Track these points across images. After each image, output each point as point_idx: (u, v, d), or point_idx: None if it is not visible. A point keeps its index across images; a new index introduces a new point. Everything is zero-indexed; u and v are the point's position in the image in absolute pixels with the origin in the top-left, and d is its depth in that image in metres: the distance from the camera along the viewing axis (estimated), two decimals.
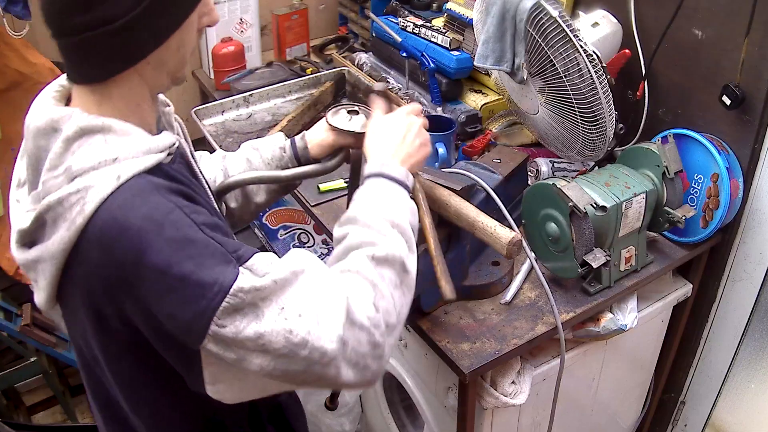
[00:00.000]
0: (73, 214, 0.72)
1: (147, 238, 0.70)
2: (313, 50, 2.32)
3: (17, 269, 1.99)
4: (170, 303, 0.71)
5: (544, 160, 1.59)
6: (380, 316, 0.78)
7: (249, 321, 0.72)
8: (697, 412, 1.79)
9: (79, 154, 0.75)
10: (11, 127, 1.89)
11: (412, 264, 0.86)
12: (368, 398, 1.88)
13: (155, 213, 0.71)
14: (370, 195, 0.89)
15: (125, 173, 0.73)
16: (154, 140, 0.80)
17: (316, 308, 0.75)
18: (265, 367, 0.73)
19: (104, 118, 0.77)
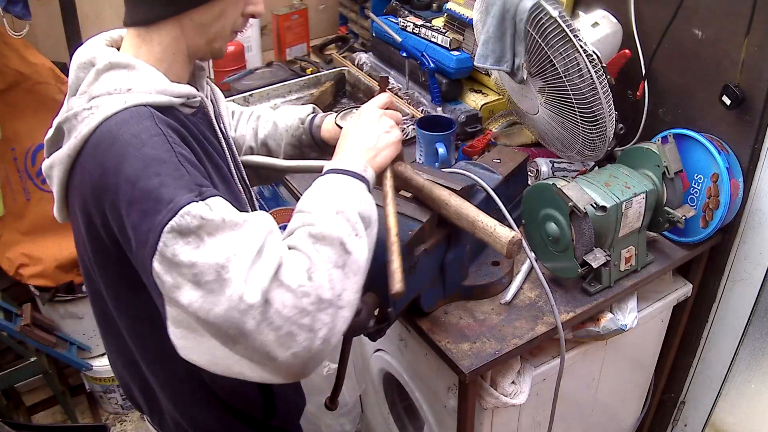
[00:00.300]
0: (81, 126, 0.83)
1: (128, 150, 0.79)
2: (313, 50, 2.32)
3: (17, 269, 1.99)
4: (135, 213, 0.78)
5: (544, 160, 1.59)
6: (312, 286, 0.77)
7: (189, 248, 0.75)
8: (697, 412, 1.79)
9: (102, 82, 0.87)
10: (11, 127, 1.89)
11: (357, 248, 0.83)
12: (368, 398, 1.88)
13: (143, 133, 0.81)
14: (318, 188, 0.90)
15: (132, 101, 0.84)
16: (172, 85, 0.90)
17: (251, 256, 0.76)
18: (193, 303, 0.75)
19: (132, 58, 0.89)
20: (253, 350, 0.76)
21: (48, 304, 2.08)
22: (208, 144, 0.96)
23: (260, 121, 1.26)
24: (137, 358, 1.02)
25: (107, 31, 0.98)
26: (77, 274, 2.04)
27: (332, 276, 0.79)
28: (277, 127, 1.24)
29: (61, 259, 2.00)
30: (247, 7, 0.95)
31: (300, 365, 0.77)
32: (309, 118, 1.23)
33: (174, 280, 0.76)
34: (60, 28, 1.87)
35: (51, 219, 2.08)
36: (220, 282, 0.75)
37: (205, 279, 0.75)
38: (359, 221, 0.86)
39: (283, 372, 0.78)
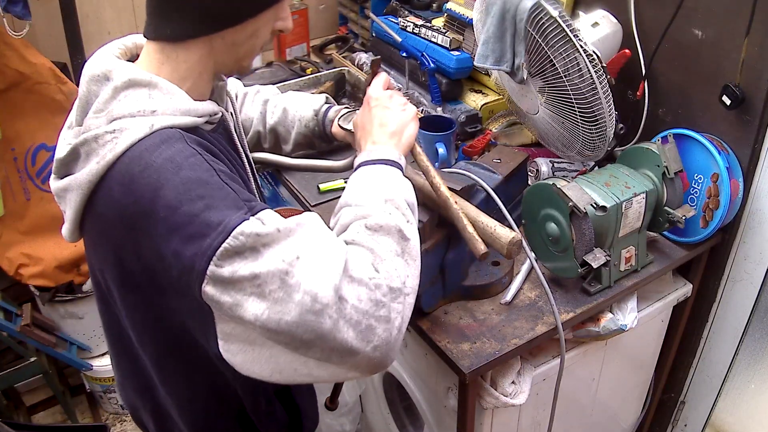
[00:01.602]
0: (105, 150, 0.78)
1: (165, 176, 0.75)
2: (313, 50, 2.32)
3: (17, 269, 1.99)
4: (177, 240, 0.74)
5: (544, 160, 1.59)
6: (381, 277, 0.77)
7: (247, 262, 0.73)
8: (697, 412, 1.79)
9: (122, 102, 0.81)
10: (11, 127, 1.89)
11: (412, 233, 0.85)
12: (368, 398, 1.88)
13: (177, 155, 0.76)
14: (358, 181, 0.90)
15: (158, 123, 0.79)
16: (195, 104, 0.85)
17: (315, 257, 0.75)
18: (260, 316, 0.73)
19: (153, 75, 0.83)
20: (332, 350, 0.75)
21: (48, 304, 2.08)
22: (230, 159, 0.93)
23: (269, 105, 1.24)
24: (155, 383, 0.99)
25: (119, 39, 0.93)
26: (77, 274, 2.04)
27: (397, 265, 0.80)
28: (287, 114, 1.22)
29: (61, 259, 2.00)
30: (277, 23, 0.90)
31: (381, 357, 0.77)
32: (323, 111, 1.22)
33: (233, 298, 0.73)
34: (60, 28, 1.87)
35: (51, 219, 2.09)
36: (286, 288, 0.73)
37: (269, 288, 0.73)
38: (407, 208, 0.86)
39: (363, 366, 0.77)
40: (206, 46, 0.86)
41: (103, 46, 0.92)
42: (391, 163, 0.92)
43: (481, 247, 0.99)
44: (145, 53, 0.88)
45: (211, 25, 0.84)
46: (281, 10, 0.90)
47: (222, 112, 0.93)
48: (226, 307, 0.74)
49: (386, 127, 0.97)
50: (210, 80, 0.91)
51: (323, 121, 1.21)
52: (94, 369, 2.18)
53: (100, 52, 0.90)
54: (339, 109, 1.22)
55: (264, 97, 1.26)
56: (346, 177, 1.53)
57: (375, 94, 1.03)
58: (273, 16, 0.89)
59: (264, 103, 1.24)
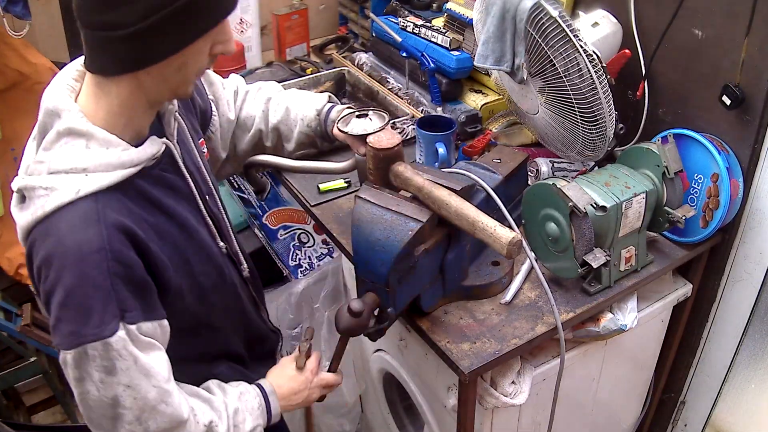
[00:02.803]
0: (37, 205, 0.86)
1: (69, 261, 0.84)
2: (313, 50, 2.32)
3: (17, 269, 1.99)
4: (63, 313, 0.86)
5: (544, 160, 1.59)
6: None
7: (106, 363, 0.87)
8: (697, 412, 1.79)
9: (62, 149, 0.87)
10: (11, 127, 1.89)
11: None
12: (368, 398, 1.88)
13: (85, 246, 0.84)
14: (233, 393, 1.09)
15: (85, 188, 0.85)
16: (131, 155, 0.89)
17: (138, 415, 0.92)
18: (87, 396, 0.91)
19: (91, 125, 0.87)
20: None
21: None
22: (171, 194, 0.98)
23: (271, 103, 1.25)
24: None
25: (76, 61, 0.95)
26: None
27: None
28: (290, 112, 1.24)
29: None
30: (216, 47, 0.90)
31: None
32: (326, 111, 1.23)
33: (80, 374, 0.88)
34: (60, 28, 1.87)
35: None
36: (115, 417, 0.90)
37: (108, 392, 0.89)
38: None
39: None
40: (134, 82, 0.87)
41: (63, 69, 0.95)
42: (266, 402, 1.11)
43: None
44: (86, 84, 0.91)
45: (133, 64, 0.85)
46: (220, 34, 0.88)
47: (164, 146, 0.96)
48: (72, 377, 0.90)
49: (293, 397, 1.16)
50: (146, 111, 0.93)
51: (325, 121, 1.22)
52: None
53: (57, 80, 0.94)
54: (341, 110, 1.23)
55: (267, 95, 1.27)
56: (347, 177, 1.54)
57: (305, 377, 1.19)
58: (206, 43, 0.88)
59: (266, 101, 1.26)
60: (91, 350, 0.86)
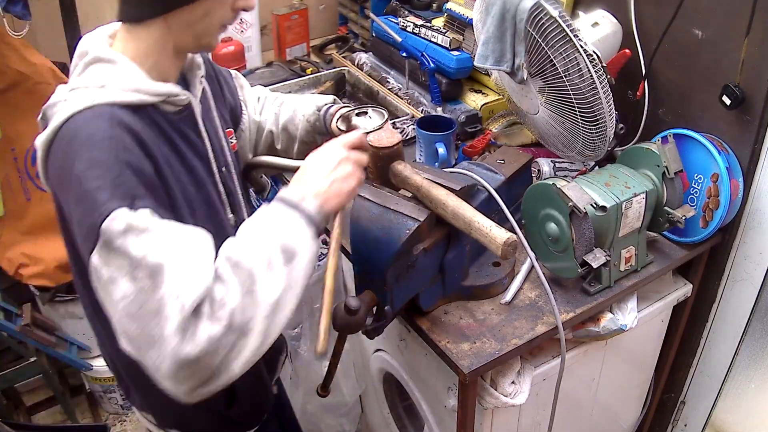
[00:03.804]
0: (55, 118, 0.88)
1: (81, 150, 0.84)
2: (313, 50, 2.32)
3: (17, 269, 1.99)
4: (80, 209, 0.83)
5: (546, 161, 1.59)
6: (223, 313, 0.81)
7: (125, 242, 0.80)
8: (697, 412, 1.79)
9: (85, 75, 0.92)
10: (11, 127, 1.89)
11: (266, 279, 0.85)
12: (368, 398, 1.88)
13: (96, 135, 0.85)
14: (256, 215, 0.92)
15: (100, 99, 0.88)
16: (149, 84, 0.93)
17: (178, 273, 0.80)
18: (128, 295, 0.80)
19: (116, 53, 0.93)
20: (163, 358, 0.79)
21: (48, 304, 2.08)
22: (186, 144, 0.99)
23: (283, 107, 1.30)
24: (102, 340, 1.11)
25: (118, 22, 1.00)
26: None
27: (240, 306, 0.82)
28: (296, 112, 1.27)
29: (61, 259, 2.00)
30: (238, 1, 0.96)
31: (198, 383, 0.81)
32: (325, 107, 1.25)
33: (110, 273, 0.81)
34: (60, 28, 1.87)
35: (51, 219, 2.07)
36: (154, 283, 0.79)
37: (140, 275, 0.80)
38: (278, 253, 0.86)
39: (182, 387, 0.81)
40: (163, 26, 0.93)
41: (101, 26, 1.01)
42: (293, 206, 0.90)
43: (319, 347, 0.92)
44: (118, 33, 0.97)
45: (163, 6, 0.91)
46: None
47: (187, 97, 0.99)
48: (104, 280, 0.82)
49: (316, 183, 0.93)
50: (173, 58, 0.97)
51: (324, 116, 1.23)
52: (94, 369, 2.18)
53: (92, 32, 0.99)
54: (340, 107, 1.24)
55: (281, 100, 1.32)
56: None
57: (333, 148, 0.99)
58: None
59: (279, 105, 1.30)
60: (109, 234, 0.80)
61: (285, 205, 0.90)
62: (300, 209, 0.90)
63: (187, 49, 0.99)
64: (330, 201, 0.93)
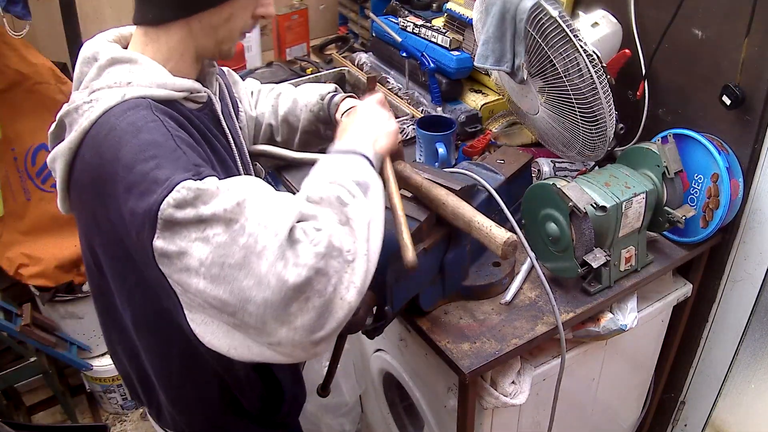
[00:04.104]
0: (82, 119, 0.84)
1: (125, 138, 0.80)
2: (313, 50, 2.32)
3: (17, 269, 1.99)
4: (132, 198, 0.77)
5: (546, 161, 1.59)
6: (322, 235, 0.77)
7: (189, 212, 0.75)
8: (697, 412, 1.79)
9: (104, 77, 0.88)
10: (11, 127, 1.89)
11: (355, 204, 0.82)
12: (368, 398, 1.88)
13: (139, 120, 0.81)
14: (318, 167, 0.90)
15: (131, 93, 0.85)
16: (173, 79, 0.90)
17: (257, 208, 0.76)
18: (205, 261, 0.74)
19: (134, 53, 0.90)
20: (266, 305, 0.73)
21: (48, 304, 2.08)
22: (213, 138, 0.97)
23: (280, 98, 1.28)
24: (139, 351, 1.03)
25: (118, 28, 0.99)
26: (77, 274, 2.04)
27: (337, 230, 0.79)
28: (297, 103, 1.26)
29: (61, 259, 2.00)
30: (258, 8, 0.95)
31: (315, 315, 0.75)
32: (329, 96, 1.24)
33: (178, 246, 0.75)
34: (60, 28, 1.87)
35: (51, 219, 2.09)
36: (230, 233, 0.74)
37: (213, 232, 0.74)
38: (354, 186, 0.85)
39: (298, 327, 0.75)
40: (185, 29, 0.91)
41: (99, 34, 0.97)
42: (353, 152, 0.91)
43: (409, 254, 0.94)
44: (134, 37, 0.95)
45: (188, 8, 0.89)
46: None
47: (207, 93, 0.98)
48: (174, 257, 0.75)
49: (361, 130, 0.98)
50: (193, 62, 0.96)
51: (328, 105, 1.23)
52: (94, 369, 2.18)
53: (94, 37, 0.96)
54: (345, 97, 1.23)
55: (277, 92, 1.30)
56: None
57: (363, 105, 1.05)
58: (253, 2, 0.93)
59: (276, 97, 1.29)
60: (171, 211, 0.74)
61: (343, 153, 0.92)
62: (358, 152, 0.92)
63: (207, 54, 0.97)
64: (380, 143, 0.97)
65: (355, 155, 0.91)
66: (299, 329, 0.75)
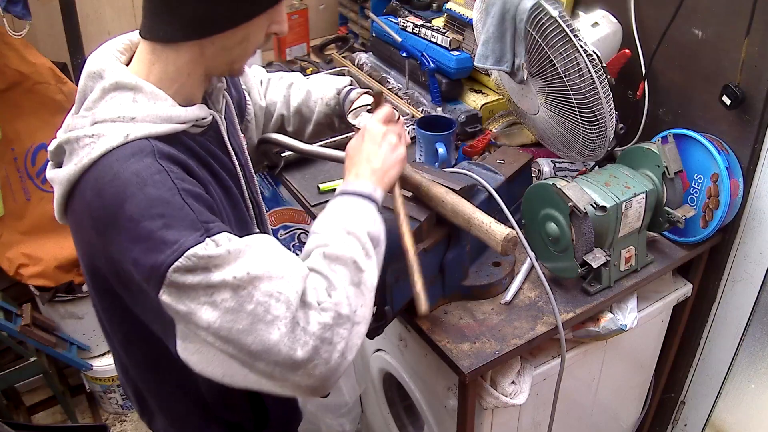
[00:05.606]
0: (82, 153, 0.82)
1: (130, 189, 0.78)
2: (313, 50, 2.32)
3: (17, 269, 1.99)
4: (137, 250, 0.77)
5: (546, 161, 1.59)
6: (331, 302, 0.80)
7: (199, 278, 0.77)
8: (697, 412, 1.79)
9: (107, 103, 0.85)
10: (11, 127, 1.89)
11: (368, 266, 0.87)
12: (368, 398, 1.88)
13: (144, 171, 0.79)
14: (330, 210, 0.92)
15: (134, 133, 0.82)
16: (178, 111, 0.87)
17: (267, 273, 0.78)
18: (212, 324, 0.77)
19: (140, 79, 0.86)
20: (276, 364, 0.78)
21: (48, 304, 2.08)
22: (217, 164, 0.95)
23: (293, 89, 1.26)
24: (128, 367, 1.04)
25: (126, 34, 0.95)
26: (77, 274, 2.04)
27: (349, 293, 0.83)
28: (311, 94, 1.25)
29: (61, 259, 2.00)
30: (272, 26, 0.92)
31: (319, 379, 0.80)
32: (345, 90, 1.23)
33: (187, 307, 0.77)
34: (60, 28, 1.87)
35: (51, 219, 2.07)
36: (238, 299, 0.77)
37: (221, 298, 0.77)
38: (368, 241, 0.88)
39: (302, 386, 0.80)
40: (196, 50, 0.87)
41: (109, 41, 0.94)
42: (366, 197, 0.93)
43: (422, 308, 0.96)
44: (139, 52, 0.90)
45: (201, 30, 0.85)
46: (276, 14, 0.90)
47: (213, 116, 0.95)
48: (182, 314, 0.78)
49: (371, 163, 0.98)
50: (200, 82, 0.93)
51: (344, 100, 1.22)
52: (94, 369, 2.18)
53: (102, 48, 0.92)
54: (361, 92, 1.23)
55: (288, 81, 1.28)
56: None
57: (371, 127, 1.02)
58: (266, 21, 0.90)
59: (288, 87, 1.27)
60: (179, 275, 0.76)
61: (361, 198, 0.93)
62: (373, 200, 0.93)
63: (217, 73, 0.95)
64: (389, 175, 0.98)
65: (368, 202, 0.93)
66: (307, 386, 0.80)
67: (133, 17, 2.03)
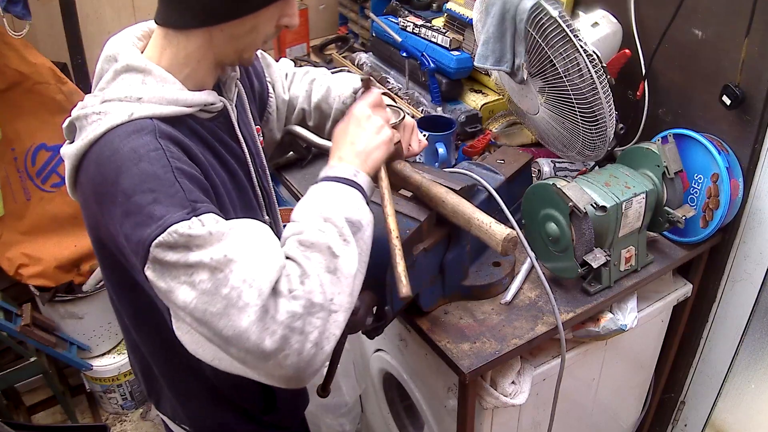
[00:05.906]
0: (89, 129, 0.85)
1: (126, 164, 0.81)
2: (313, 50, 2.32)
3: (17, 269, 1.99)
4: (128, 224, 0.80)
5: (546, 161, 1.59)
6: (303, 290, 0.80)
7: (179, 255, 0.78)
8: (697, 412, 1.79)
9: (117, 85, 0.89)
10: (11, 127, 1.89)
11: (345, 252, 0.85)
12: (368, 398, 1.88)
13: (141, 147, 0.82)
14: (309, 196, 0.92)
15: (139, 113, 0.85)
16: (185, 95, 0.90)
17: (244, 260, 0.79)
18: (189, 304, 0.78)
19: (149, 62, 0.89)
20: (247, 351, 0.78)
21: (48, 304, 2.08)
22: (224, 149, 0.97)
23: (314, 84, 1.27)
24: (140, 347, 1.06)
25: (146, 22, 0.98)
26: (77, 274, 2.04)
27: (323, 281, 0.82)
28: (330, 92, 1.25)
29: (61, 259, 2.00)
30: (283, 18, 0.93)
31: (294, 369, 0.79)
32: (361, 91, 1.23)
33: (167, 285, 0.79)
34: (60, 28, 1.87)
35: (51, 219, 2.09)
36: (214, 281, 0.78)
37: (199, 279, 0.78)
38: (346, 226, 0.87)
39: (276, 376, 0.80)
40: (206, 37, 0.90)
41: (129, 27, 0.97)
42: (347, 182, 0.93)
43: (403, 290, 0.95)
44: (153, 37, 0.93)
45: (211, 18, 0.88)
46: (287, 7, 0.92)
47: (223, 103, 0.97)
48: (163, 291, 0.80)
49: (355, 145, 0.98)
50: (211, 69, 0.95)
51: None
52: (94, 369, 2.18)
53: (121, 33, 0.96)
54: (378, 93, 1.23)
55: (312, 76, 1.30)
56: None
57: (356, 111, 1.03)
58: (277, 12, 0.92)
59: (311, 82, 1.28)
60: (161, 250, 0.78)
61: (340, 183, 0.92)
62: (355, 184, 0.93)
63: (226, 61, 0.96)
64: (373, 158, 0.98)
65: (351, 189, 0.92)
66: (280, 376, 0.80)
67: (133, 17, 2.03)
